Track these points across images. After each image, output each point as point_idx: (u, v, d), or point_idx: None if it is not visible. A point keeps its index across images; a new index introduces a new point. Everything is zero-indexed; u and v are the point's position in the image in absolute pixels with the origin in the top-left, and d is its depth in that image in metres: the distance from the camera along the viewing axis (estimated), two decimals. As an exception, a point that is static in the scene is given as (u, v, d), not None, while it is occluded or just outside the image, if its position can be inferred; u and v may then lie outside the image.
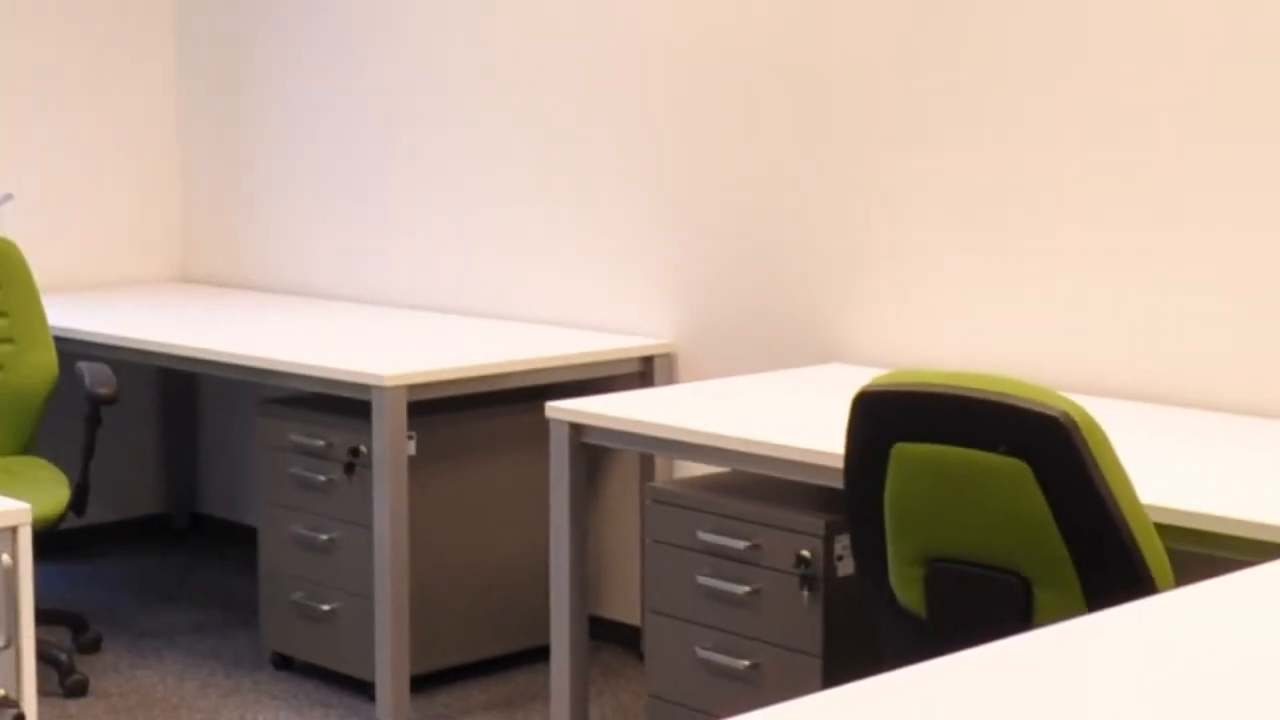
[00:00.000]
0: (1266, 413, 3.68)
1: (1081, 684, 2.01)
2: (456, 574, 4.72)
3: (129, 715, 4.54)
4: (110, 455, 5.63)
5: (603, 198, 4.93)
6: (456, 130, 5.30)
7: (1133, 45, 3.87)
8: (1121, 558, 2.73)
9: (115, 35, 6.06)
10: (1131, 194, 3.88)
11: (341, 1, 5.60)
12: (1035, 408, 2.74)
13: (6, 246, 5.03)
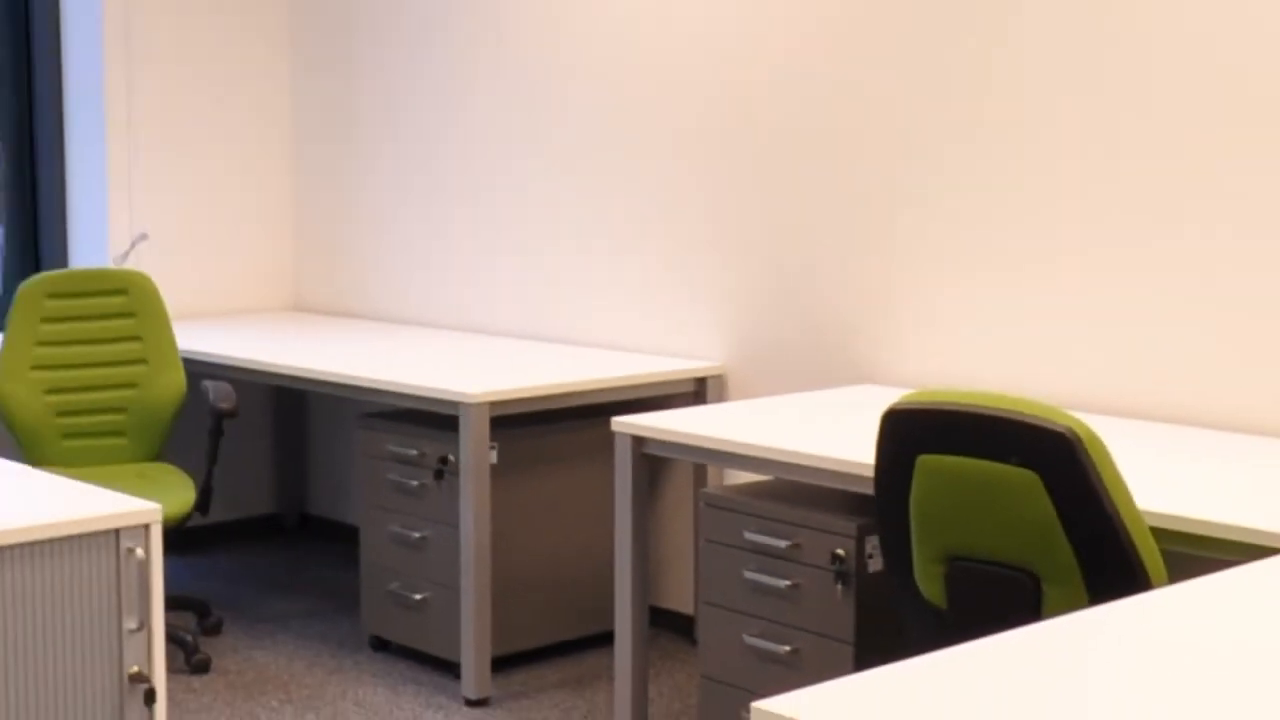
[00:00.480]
0: (1247, 429, 3.65)
1: (1085, 670, 1.99)
2: (532, 568, 4.71)
3: (245, 691, 4.55)
4: (230, 462, 5.66)
5: (661, 237, 4.92)
6: (532, 179, 5.31)
7: (1143, 92, 3.83)
8: (1120, 558, 2.71)
9: (236, 90, 6.09)
10: (1130, 241, 3.85)
11: (435, 68, 5.61)
12: (1044, 424, 2.72)
13: (141, 279, 5.07)
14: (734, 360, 4.76)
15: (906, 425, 2.90)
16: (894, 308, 4.34)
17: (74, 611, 2.93)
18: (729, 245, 4.74)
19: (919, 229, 4.27)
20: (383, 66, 5.82)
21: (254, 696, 4.51)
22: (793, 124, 4.54)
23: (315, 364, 4.88)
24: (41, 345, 4.96)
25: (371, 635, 4.93)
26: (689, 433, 3.78)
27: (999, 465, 2.76)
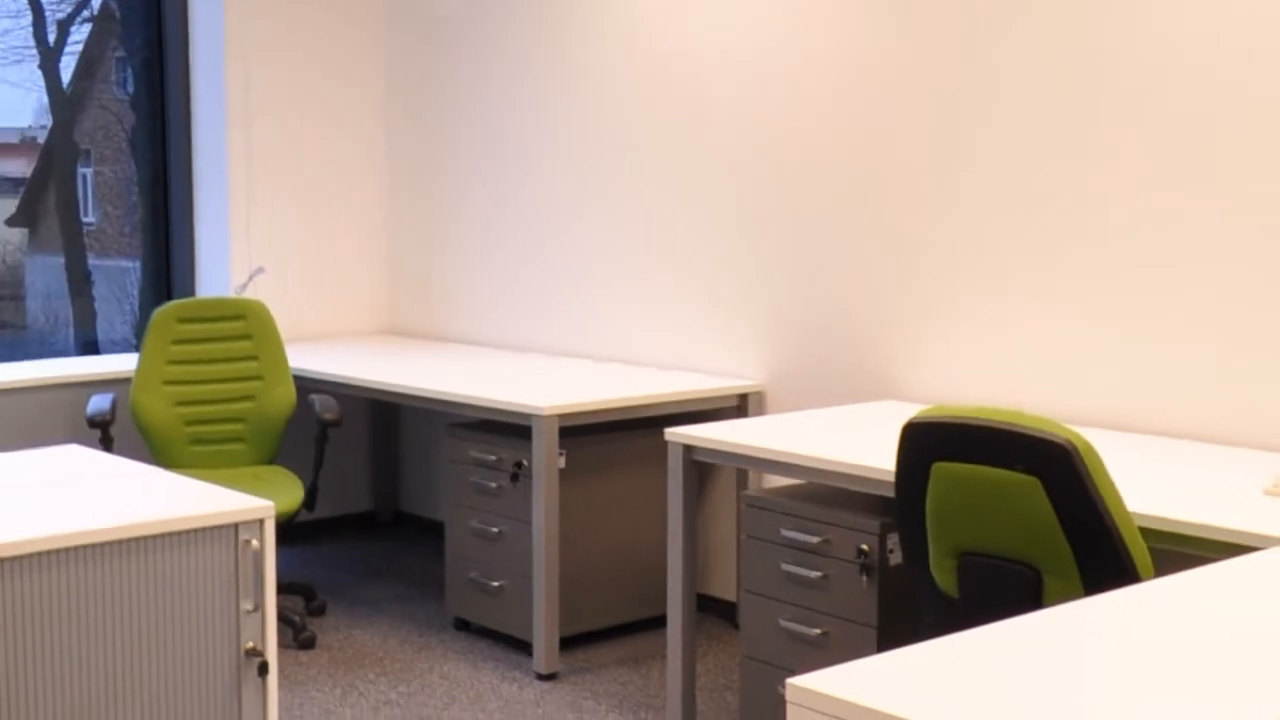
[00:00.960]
0: (1224, 441, 3.63)
1: (1081, 653, 1.98)
2: (594, 559, 4.72)
3: (345, 665, 4.57)
4: (333, 465, 5.68)
5: (709, 270, 4.93)
6: (596, 219, 5.32)
7: (1132, 143, 3.82)
8: (1113, 554, 2.69)
9: (338, 143, 6.13)
10: (1121, 277, 3.83)
11: (514, 119, 5.64)
12: (1044, 436, 2.72)
13: (259, 307, 5.11)
14: (772, 379, 4.75)
15: (924, 436, 2.90)
16: (913, 333, 4.33)
17: (198, 594, 2.95)
18: (768, 278, 4.73)
19: (936, 264, 4.26)
20: (468, 119, 5.85)
21: (353, 670, 4.53)
22: (826, 168, 4.53)
23: (408, 380, 4.90)
24: (172, 363, 5.01)
25: (455, 617, 4.94)
26: (732, 442, 3.78)
27: (1005, 471, 2.75)
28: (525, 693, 4.33)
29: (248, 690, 3.01)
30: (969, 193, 4.16)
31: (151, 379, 4.97)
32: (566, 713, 4.15)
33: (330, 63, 6.05)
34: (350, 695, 4.30)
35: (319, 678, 4.46)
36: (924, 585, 3.00)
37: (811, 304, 4.62)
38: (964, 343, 4.20)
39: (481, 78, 5.75)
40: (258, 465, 5.06)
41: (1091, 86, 3.86)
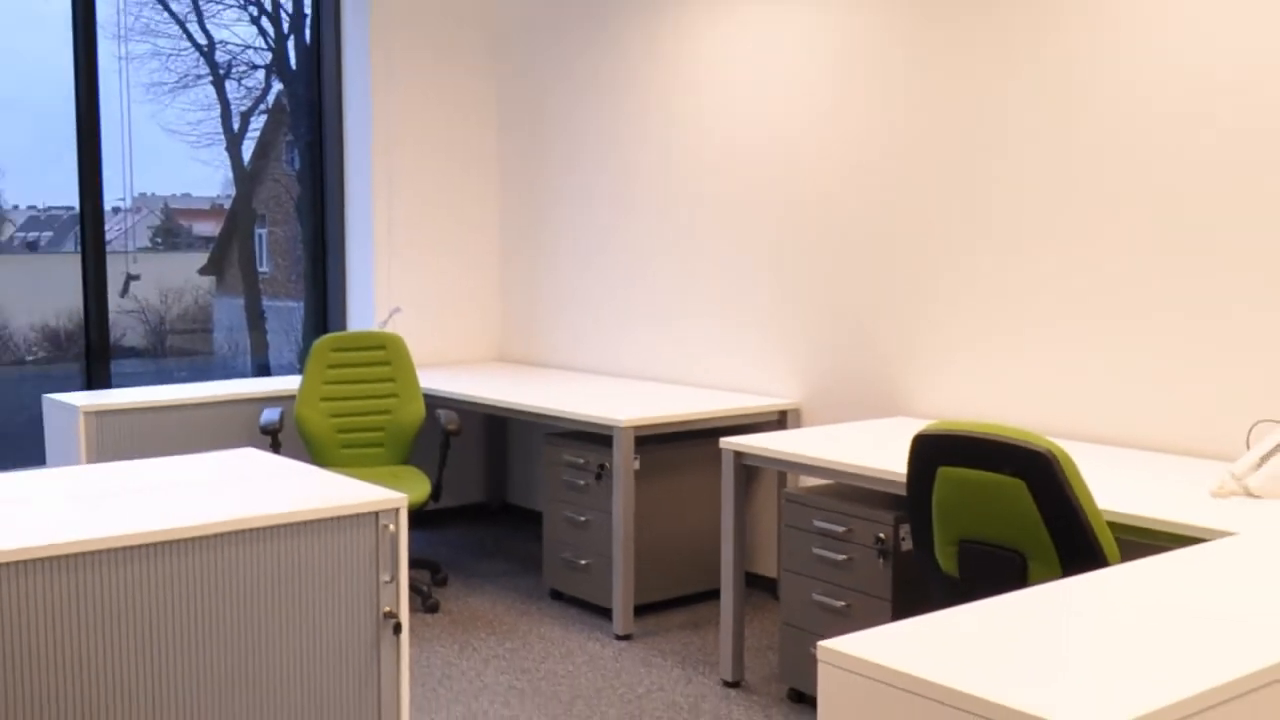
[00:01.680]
0: (1178, 451, 3.58)
1: (1059, 623, 1.96)
2: (662, 542, 4.72)
3: (463, 625, 4.59)
4: (454, 465, 5.73)
5: (755, 309, 4.92)
6: (668, 266, 5.33)
7: (1101, 219, 3.78)
8: (1085, 543, 2.67)
9: (459, 208, 6.19)
10: (1093, 319, 3.79)
11: (604, 181, 5.66)
12: (1029, 446, 2.70)
13: (396, 339, 5.17)
14: (806, 398, 4.73)
15: (930, 445, 2.88)
16: (921, 361, 4.30)
17: (347, 568, 2.97)
18: (803, 317, 4.72)
19: (940, 307, 4.23)
20: (564, 188, 5.89)
21: (468, 630, 4.55)
22: (851, 227, 4.53)
23: (514, 398, 4.93)
24: (327, 384, 5.07)
25: (550, 589, 4.95)
26: (774, 449, 3.77)
27: (996, 475, 2.73)
28: (606, 650, 4.32)
29: (385, 645, 3.04)
30: (966, 249, 4.14)
31: (311, 396, 5.03)
32: (639, 667, 4.15)
33: (454, 145, 6.11)
34: (466, 651, 4.32)
35: (441, 636, 4.48)
36: (930, 567, 2.98)
37: (838, 338, 4.60)
38: (962, 370, 4.17)
39: (575, 153, 5.79)
40: (394, 465, 5.11)
41: (1072, 167, 3.83)
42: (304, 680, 2.93)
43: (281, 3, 6.10)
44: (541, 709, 3.78)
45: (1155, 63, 3.60)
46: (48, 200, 5.61)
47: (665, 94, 5.28)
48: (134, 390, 5.20)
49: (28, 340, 5.54)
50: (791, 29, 4.70)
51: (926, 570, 3.03)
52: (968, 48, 4.09)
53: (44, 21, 5.30)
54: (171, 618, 2.76)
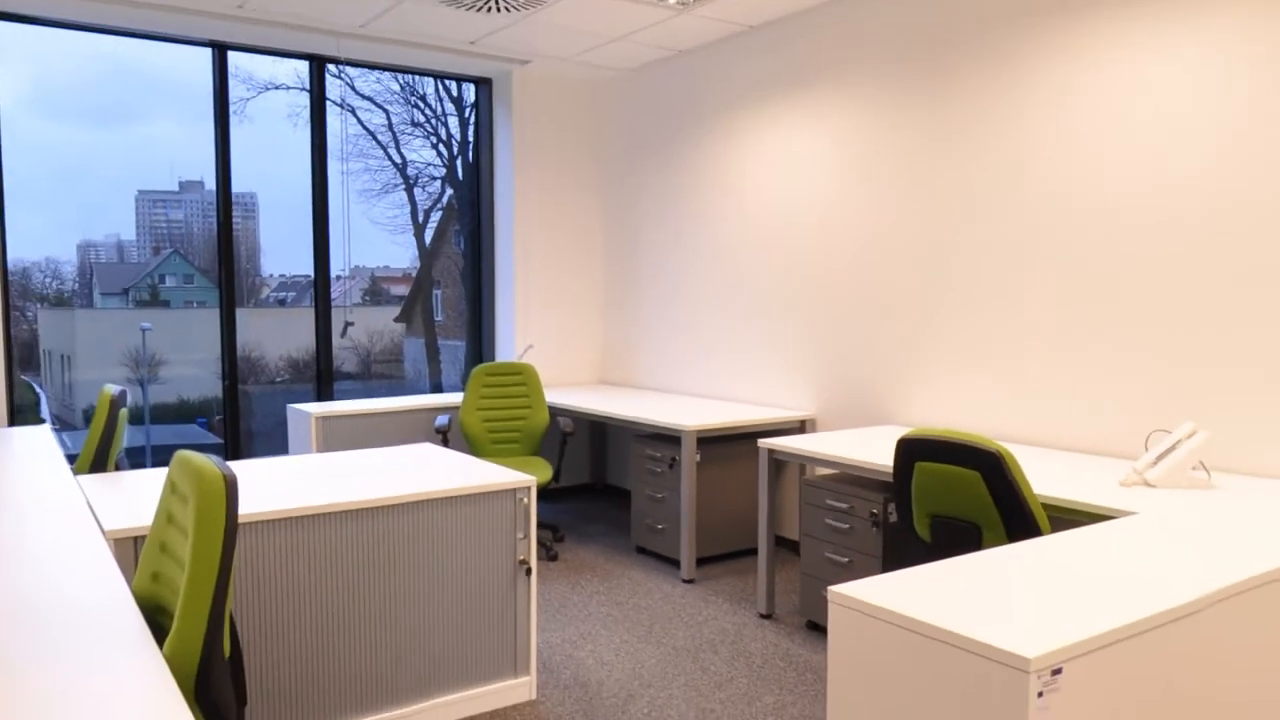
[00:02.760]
0: (1093, 453, 3.48)
1: (1006, 576, 1.92)
2: (716, 513, 4.68)
3: (574, 571, 4.59)
4: (569, 457, 5.74)
5: (783, 346, 4.88)
6: (719, 313, 5.31)
7: (1037, 281, 3.71)
8: (1025, 518, 2.61)
9: (575, 266, 6.20)
10: (1034, 355, 3.71)
11: (673, 244, 5.68)
12: (984, 447, 2.65)
13: (529, 368, 5.19)
14: (819, 411, 4.69)
15: (910, 446, 2.84)
16: (903, 384, 4.24)
17: (494, 527, 3.00)
18: (818, 352, 4.68)
19: (918, 346, 4.17)
20: (648, 254, 5.90)
21: (578, 573, 4.55)
22: (853, 284, 4.48)
23: (612, 410, 4.93)
24: (481, 398, 5.12)
25: (636, 545, 4.93)
26: (797, 448, 3.74)
27: (959, 468, 2.69)
28: (675, 590, 4.30)
29: (520, 583, 3.05)
30: (936, 303, 4.08)
31: (470, 407, 5.08)
32: (699, 602, 4.12)
33: (569, 230, 6.16)
34: (576, 588, 4.33)
35: (558, 578, 4.49)
36: (910, 535, 2.94)
37: (842, 370, 4.55)
38: (934, 391, 4.11)
39: (653, 236, 5.81)
40: (527, 456, 5.13)
41: (1014, 245, 3.77)
42: (465, 607, 2.96)
43: (453, 133, 6.23)
44: (629, 631, 3.78)
45: (1074, 174, 3.53)
46: (293, 270, 5.77)
47: (718, 196, 5.28)
48: (348, 402, 5.29)
49: (277, 367, 5.68)
50: (807, 147, 4.68)
51: (907, 537, 2.99)
52: (939, 157, 4.05)
53: (293, 150, 5.47)
54: (373, 560, 2.81)
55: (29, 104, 4.76)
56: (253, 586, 2.62)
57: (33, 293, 5.03)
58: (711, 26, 4.88)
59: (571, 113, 6.08)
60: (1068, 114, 3.54)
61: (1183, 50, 3.22)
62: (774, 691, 3.21)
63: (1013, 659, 1.56)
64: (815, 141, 4.64)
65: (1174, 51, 3.24)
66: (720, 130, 5.25)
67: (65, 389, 5.26)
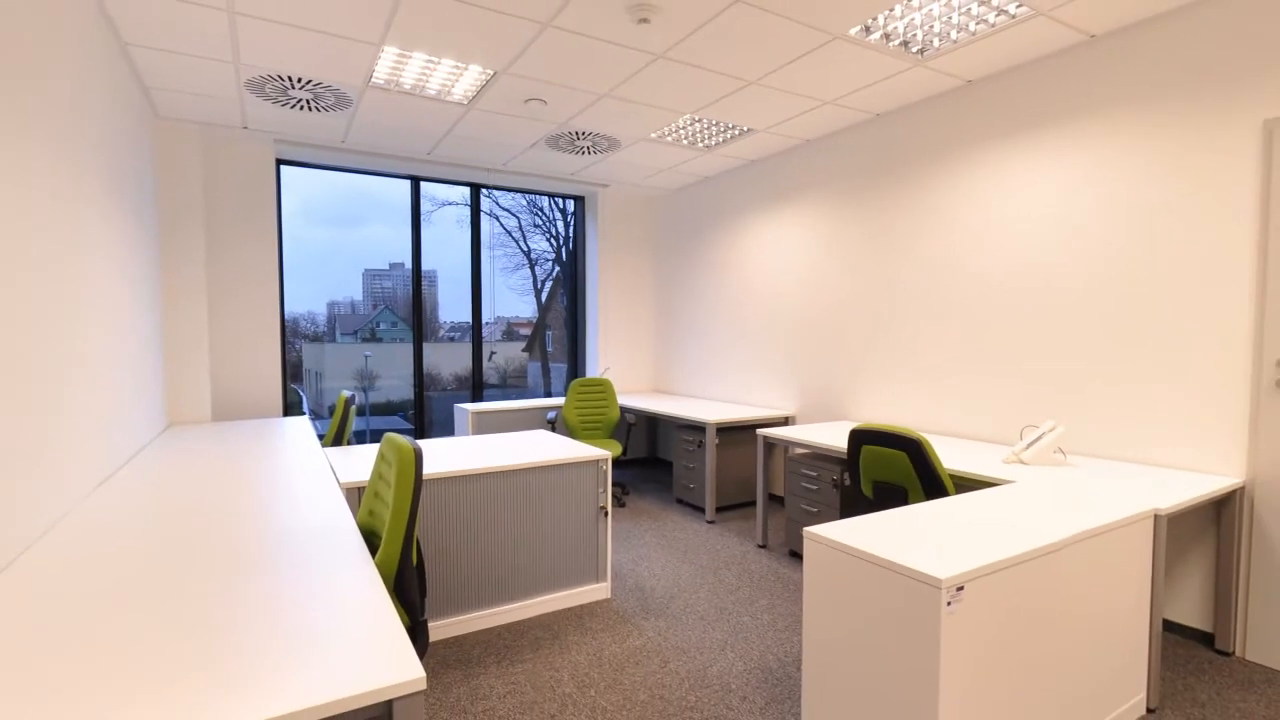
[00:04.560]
0: (984, 440, 3.34)
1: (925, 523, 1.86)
2: (728, 478, 4.59)
3: (635, 516, 4.53)
4: (633, 440, 5.64)
5: (774, 366, 4.78)
6: (729, 338, 5.21)
7: (951, 313, 3.59)
8: (937, 484, 2.51)
9: (638, 307, 6.09)
10: (949, 377, 3.59)
11: (718, 274, 5.60)
12: (909, 436, 2.56)
13: (607, 381, 5.10)
14: (798, 410, 4.56)
15: (860, 435, 2.76)
16: (856, 392, 4.13)
17: (583, 485, 2.98)
18: (797, 368, 4.57)
19: (869, 364, 4.06)
20: (683, 306, 5.83)
21: (638, 516, 4.48)
22: (822, 326, 4.38)
23: (661, 409, 4.86)
24: (577, 401, 5.05)
25: (676, 498, 4.82)
26: (783, 435, 3.65)
27: (891, 450, 2.60)
28: (702, 527, 4.21)
29: (599, 523, 3.01)
30: (882, 340, 3.97)
31: (570, 407, 5.00)
32: (718, 537, 4.04)
33: (634, 288, 6.06)
34: (636, 527, 4.26)
35: (626, 520, 4.42)
36: (858, 494, 2.85)
37: (814, 381, 4.44)
38: (877, 398, 3.98)
39: (688, 289, 5.74)
40: (605, 439, 5.05)
41: (936, 299, 3.66)
42: (564, 536, 2.94)
43: (560, 230, 6.30)
44: (670, 554, 3.72)
45: (971, 251, 3.42)
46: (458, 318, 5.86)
47: (733, 268, 5.21)
48: (492, 403, 5.28)
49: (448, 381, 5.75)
50: (790, 236, 4.62)
51: (856, 496, 2.91)
52: (882, 240, 3.96)
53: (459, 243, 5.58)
54: (507, 505, 2.81)
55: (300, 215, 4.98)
56: (431, 521, 2.65)
57: (300, 333, 5.20)
58: (726, 161, 4.89)
59: (635, 217, 6.08)
60: (968, 211, 3.45)
61: (1044, 169, 3.12)
62: (767, 596, 3.13)
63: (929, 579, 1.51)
64: (797, 233, 4.58)
65: (1038, 170, 3.14)
66: (732, 227, 5.21)
67: (318, 393, 5.41)
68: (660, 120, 3.98)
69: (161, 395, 3.68)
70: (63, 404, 2.05)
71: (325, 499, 2.14)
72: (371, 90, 3.43)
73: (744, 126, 4.09)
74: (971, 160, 3.44)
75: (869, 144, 3.99)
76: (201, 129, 4.14)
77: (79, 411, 2.16)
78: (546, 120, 3.97)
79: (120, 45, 2.87)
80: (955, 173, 3.51)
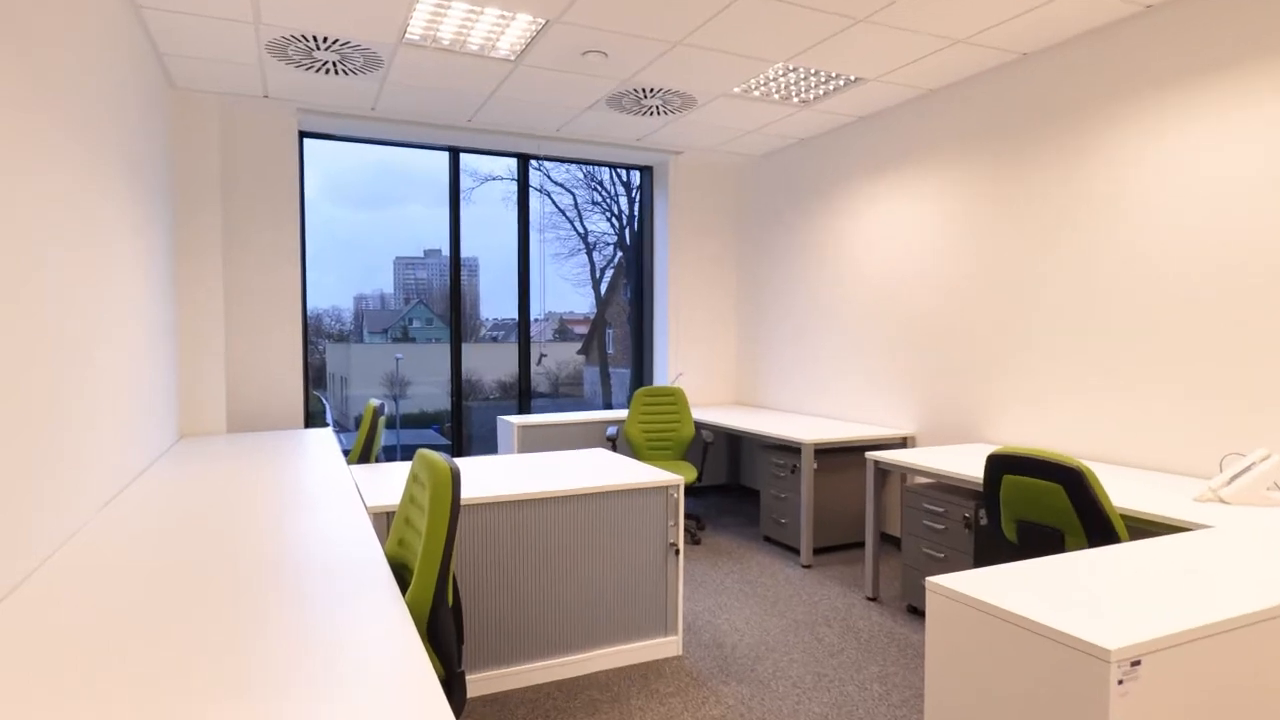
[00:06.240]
0: (1167, 471, 3.14)
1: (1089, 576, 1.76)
2: (830, 511, 4.52)
3: (713, 555, 4.53)
4: (710, 461, 5.68)
5: (888, 376, 4.69)
6: (832, 345, 5.15)
7: (1111, 311, 3.40)
8: (1103, 526, 2.39)
9: (715, 307, 6.16)
10: (1111, 388, 3.41)
11: (798, 286, 5.57)
12: (1066, 464, 2.44)
13: (680, 391, 5.16)
14: (919, 430, 4.45)
15: (999, 462, 2.66)
16: (992, 407, 3.98)
17: (650, 516, 2.99)
18: (918, 381, 4.46)
19: (1006, 375, 3.91)
20: (772, 302, 5.81)
21: (716, 556, 4.48)
22: (950, 326, 4.26)
23: (744, 425, 4.85)
24: (642, 415, 5.14)
25: (763, 535, 4.81)
26: (899, 460, 3.57)
27: (1043, 481, 2.49)
28: (795, 573, 4.17)
29: (670, 561, 3.03)
30: (1021, 344, 3.81)
31: (634, 421, 5.10)
32: (815, 584, 3.98)
33: (710, 280, 6.13)
34: (714, 568, 4.27)
35: (701, 559, 4.44)
36: (998, 536, 2.74)
37: (938, 394, 4.31)
38: (1019, 415, 3.83)
39: (778, 282, 5.72)
40: (677, 460, 5.11)
41: (1089, 295, 3.48)
42: (627, 577, 2.97)
43: (623, 209, 6.38)
44: (756, 605, 3.69)
45: (1151, 228, 3.23)
46: (502, 315, 6.02)
47: (832, 251, 5.15)
48: (542, 415, 5.41)
49: (490, 388, 5.92)
50: (906, 209, 4.51)
51: (995, 538, 2.78)
52: (1028, 207, 3.80)
53: (504, 225, 5.74)
54: (558, 537, 2.86)
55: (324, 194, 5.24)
56: (470, 553, 2.72)
57: (323, 331, 5.48)
58: (827, 119, 4.81)
59: (713, 191, 6.09)
60: (1143, 175, 3.25)
61: (1233, 124, 2.90)
62: (878, 662, 3.05)
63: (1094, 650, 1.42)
64: (917, 207, 4.46)
65: (1226, 126, 2.92)
66: (833, 200, 5.13)
67: (343, 401, 5.69)
68: (746, 71, 3.92)
69: (174, 404, 3.92)
70: (73, 417, 2.13)
71: (350, 525, 2.22)
72: (405, 48, 3.55)
73: (850, 75, 4.00)
74: (1149, 108, 3.24)
75: (1011, 93, 3.83)
76: (220, 100, 4.41)
77: (91, 425, 2.30)
78: (607, 76, 4.00)
79: (134, 6, 3.01)
80: (1127, 126, 3.32)
